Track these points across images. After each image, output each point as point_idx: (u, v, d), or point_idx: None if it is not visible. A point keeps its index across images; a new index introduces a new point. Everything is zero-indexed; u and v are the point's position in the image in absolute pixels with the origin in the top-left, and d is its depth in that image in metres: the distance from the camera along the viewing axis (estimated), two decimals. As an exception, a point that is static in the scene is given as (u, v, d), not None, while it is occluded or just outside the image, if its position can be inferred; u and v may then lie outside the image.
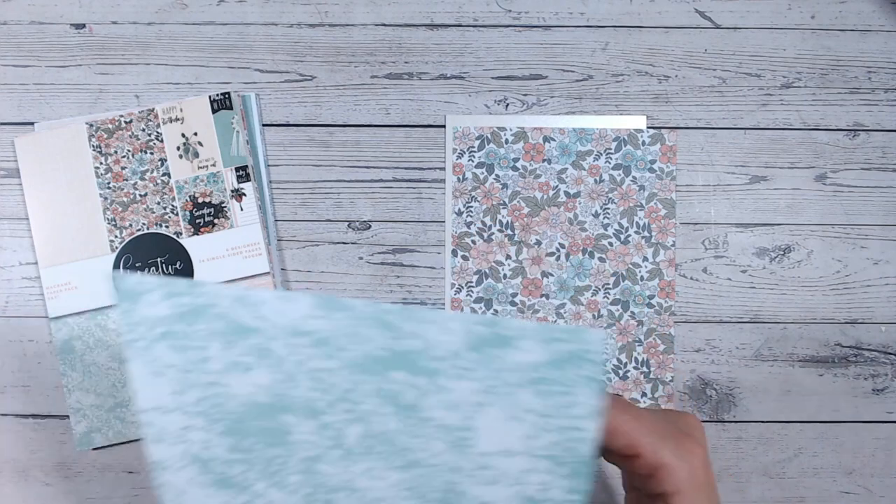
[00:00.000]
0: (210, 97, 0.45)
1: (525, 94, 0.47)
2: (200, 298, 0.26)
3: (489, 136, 0.47)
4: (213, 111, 0.45)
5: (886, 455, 0.47)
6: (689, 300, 0.47)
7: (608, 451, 0.30)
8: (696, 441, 0.30)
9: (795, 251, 0.47)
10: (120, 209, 0.45)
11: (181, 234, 0.45)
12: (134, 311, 0.25)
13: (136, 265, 0.45)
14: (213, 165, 0.45)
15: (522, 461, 0.27)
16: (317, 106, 0.47)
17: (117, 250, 0.45)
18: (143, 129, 0.45)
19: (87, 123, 0.45)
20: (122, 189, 0.45)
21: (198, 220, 0.45)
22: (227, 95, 0.45)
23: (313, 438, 0.27)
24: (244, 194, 0.45)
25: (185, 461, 0.27)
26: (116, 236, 0.45)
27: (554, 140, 0.47)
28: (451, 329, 0.26)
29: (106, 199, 0.45)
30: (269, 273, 0.45)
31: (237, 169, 0.45)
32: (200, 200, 0.45)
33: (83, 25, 0.47)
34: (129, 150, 0.45)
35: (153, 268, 0.45)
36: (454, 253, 0.47)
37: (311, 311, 0.26)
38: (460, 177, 0.47)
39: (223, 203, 0.45)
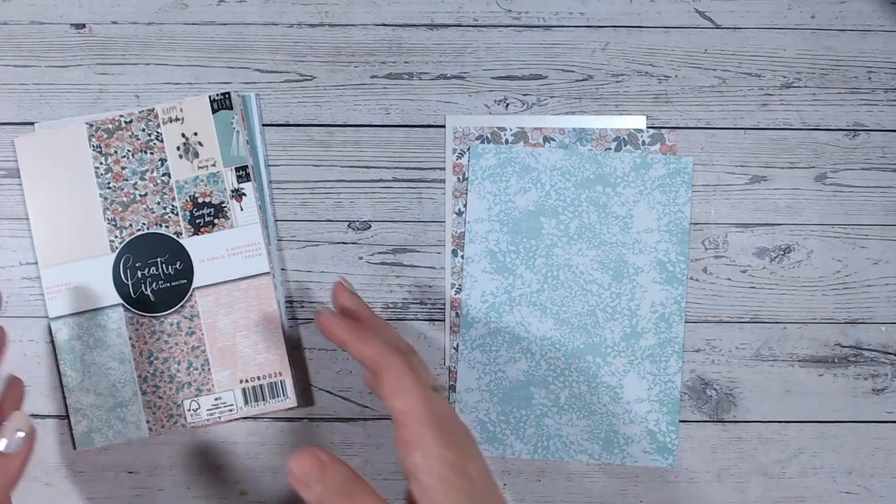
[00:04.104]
0: (210, 97, 0.45)
1: (525, 94, 0.47)
2: (510, 154, 0.46)
3: (489, 136, 0.47)
4: (213, 111, 0.45)
5: (886, 455, 0.47)
6: (689, 300, 0.47)
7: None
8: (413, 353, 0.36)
9: (795, 251, 0.47)
10: (120, 209, 0.45)
11: (181, 233, 0.45)
12: (477, 163, 0.46)
13: (137, 265, 0.45)
14: (214, 165, 0.45)
15: (656, 235, 0.46)
16: (317, 106, 0.47)
17: (117, 250, 0.45)
18: (144, 129, 0.45)
19: (87, 123, 0.45)
20: (122, 189, 0.45)
21: (198, 220, 0.45)
22: (227, 95, 0.45)
23: (553, 231, 0.46)
24: (244, 194, 0.45)
25: (482, 254, 0.46)
26: (116, 236, 0.45)
27: (554, 140, 0.47)
28: (622, 159, 0.46)
29: (106, 199, 0.45)
30: (269, 273, 0.45)
31: (237, 169, 0.45)
32: (200, 200, 0.45)
33: (83, 25, 0.47)
34: (129, 150, 0.45)
35: (153, 268, 0.45)
36: (454, 253, 0.47)
37: (562, 156, 0.46)
38: (460, 177, 0.47)
39: (223, 203, 0.45)
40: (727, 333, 0.47)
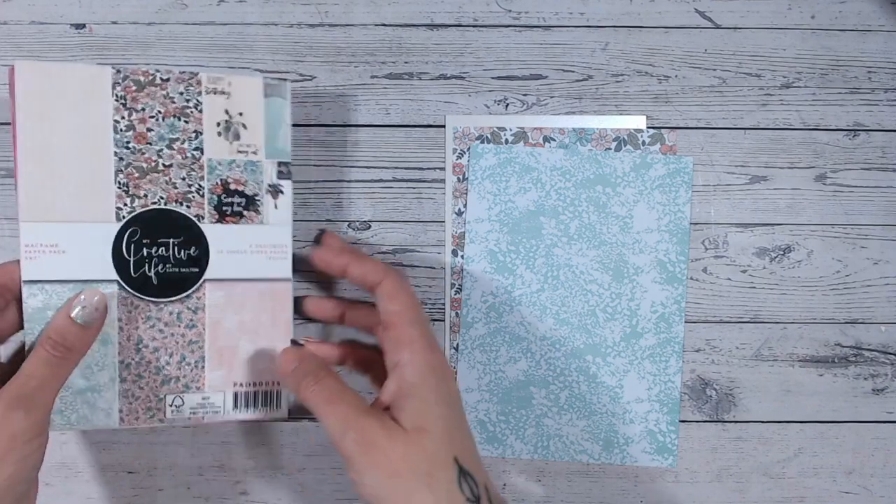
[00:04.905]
0: (265, 79, 0.41)
1: (525, 94, 0.47)
2: (510, 154, 0.46)
3: (489, 136, 0.47)
4: (266, 96, 0.41)
5: (886, 455, 0.47)
6: (689, 300, 0.47)
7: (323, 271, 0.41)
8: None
9: (795, 251, 0.47)
10: (136, 175, 0.40)
11: (203, 218, 0.41)
12: (477, 163, 0.45)
13: (144, 242, 0.40)
14: (255, 153, 0.41)
15: (656, 235, 0.46)
16: (317, 106, 0.47)
17: (124, 220, 0.39)
18: (181, 93, 0.40)
19: (114, 68, 0.39)
20: (144, 153, 0.40)
21: (225, 208, 0.41)
22: (283, 83, 0.41)
23: (553, 231, 0.46)
24: (282, 192, 0.42)
25: (482, 254, 0.46)
26: (126, 204, 0.39)
27: (554, 140, 0.47)
28: (622, 159, 0.46)
29: (122, 159, 0.39)
30: (290, 280, 0.42)
31: (280, 163, 0.42)
32: (232, 187, 0.41)
33: (83, 25, 0.47)
34: (159, 112, 0.40)
35: (163, 248, 0.40)
36: (454, 253, 0.47)
37: (562, 156, 0.46)
38: (460, 177, 0.47)
39: (257, 196, 0.41)
40: (727, 333, 0.47)
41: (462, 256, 0.47)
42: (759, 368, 0.47)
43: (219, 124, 0.40)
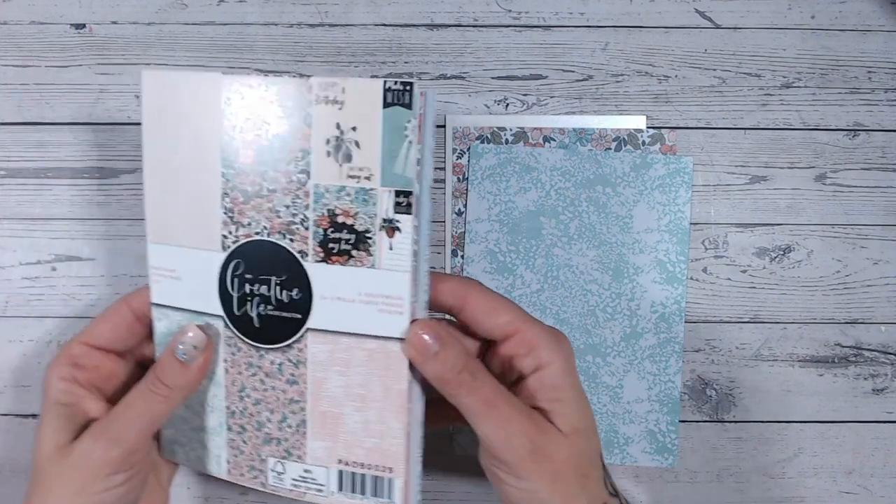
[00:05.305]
0: (385, 83, 0.31)
1: (525, 94, 0.47)
2: (510, 154, 0.46)
3: (489, 136, 0.47)
4: (385, 104, 0.31)
5: (886, 455, 0.47)
6: (689, 300, 0.47)
7: (473, 332, 0.35)
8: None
9: (795, 251, 0.47)
10: (241, 199, 0.33)
11: (307, 254, 0.33)
12: (477, 163, 0.43)
13: (247, 277, 0.34)
14: (368, 179, 0.32)
15: (656, 235, 0.46)
16: (317, 106, 0.47)
17: (229, 250, 0.34)
18: (290, 104, 0.32)
19: (224, 75, 0.33)
20: (248, 175, 0.33)
21: (331, 245, 0.33)
22: (408, 87, 0.31)
23: (553, 231, 0.46)
24: (398, 229, 0.32)
25: (482, 254, 0.46)
26: (231, 233, 0.34)
27: (554, 140, 0.47)
28: (622, 159, 0.46)
29: (228, 181, 0.33)
30: (401, 339, 0.33)
31: (398, 193, 0.32)
32: (341, 220, 0.33)
33: (83, 25, 0.47)
34: (265, 125, 0.33)
35: (264, 286, 0.34)
36: (454, 253, 0.47)
37: (562, 156, 0.46)
38: (460, 177, 0.47)
39: (368, 232, 0.32)
40: (727, 333, 0.47)
41: (462, 256, 0.47)
42: (759, 368, 0.47)
43: (328, 142, 0.32)
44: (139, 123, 0.35)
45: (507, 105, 0.47)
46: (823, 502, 0.47)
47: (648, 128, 0.47)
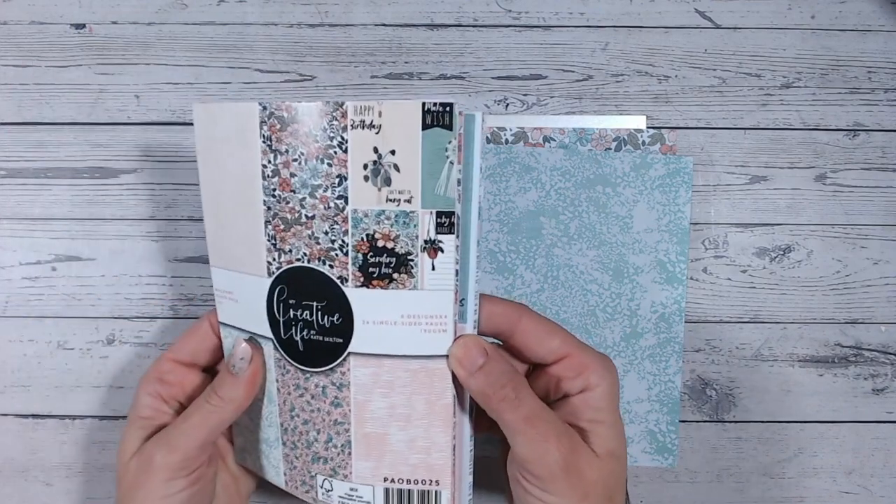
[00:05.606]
0: (424, 105, 0.31)
1: (525, 94, 0.47)
2: (510, 154, 0.46)
3: (489, 136, 0.47)
4: (424, 126, 0.31)
5: (886, 455, 0.47)
6: (689, 300, 0.47)
7: (523, 356, 0.35)
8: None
9: (795, 251, 0.47)
10: (282, 227, 0.34)
11: (346, 280, 0.33)
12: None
13: (291, 302, 0.34)
14: (409, 202, 0.32)
15: (656, 235, 0.46)
16: (317, 106, 0.47)
17: (274, 276, 0.34)
18: (325, 129, 0.32)
19: (260, 104, 0.33)
20: (288, 203, 0.33)
21: (371, 270, 0.33)
22: (448, 108, 0.31)
23: (553, 231, 0.46)
24: (441, 250, 0.32)
25: (482, 254, 0.45)
26: (274, 259, 0.34)
27: (554, 140, 0.47)
28: (622, 159, 0.46)
29: (269, 209, 0.34)
30: (445, 356, 0.33)
31: (440, 214, 0.32)
32: (380, 244, 0.33)
33: (83, 25, 0.47)
34: (302, 153, 0.33)
35: (307, 312, 0.34)
36: (454, 253, 0.47)
37: (562, 156, 0.46)
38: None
39: (410, 255, 0.32)
40: (727, 333, 0.47)
41: (462, 256, 0.47)
42: (759, 368, 0.47)
43: (366, 167, 0.32)
44: (139, 123, 0.35)
45: (507, 105, 0.47)
46: (823, 502, 0.47)
47: (648, 128, 0.47)
